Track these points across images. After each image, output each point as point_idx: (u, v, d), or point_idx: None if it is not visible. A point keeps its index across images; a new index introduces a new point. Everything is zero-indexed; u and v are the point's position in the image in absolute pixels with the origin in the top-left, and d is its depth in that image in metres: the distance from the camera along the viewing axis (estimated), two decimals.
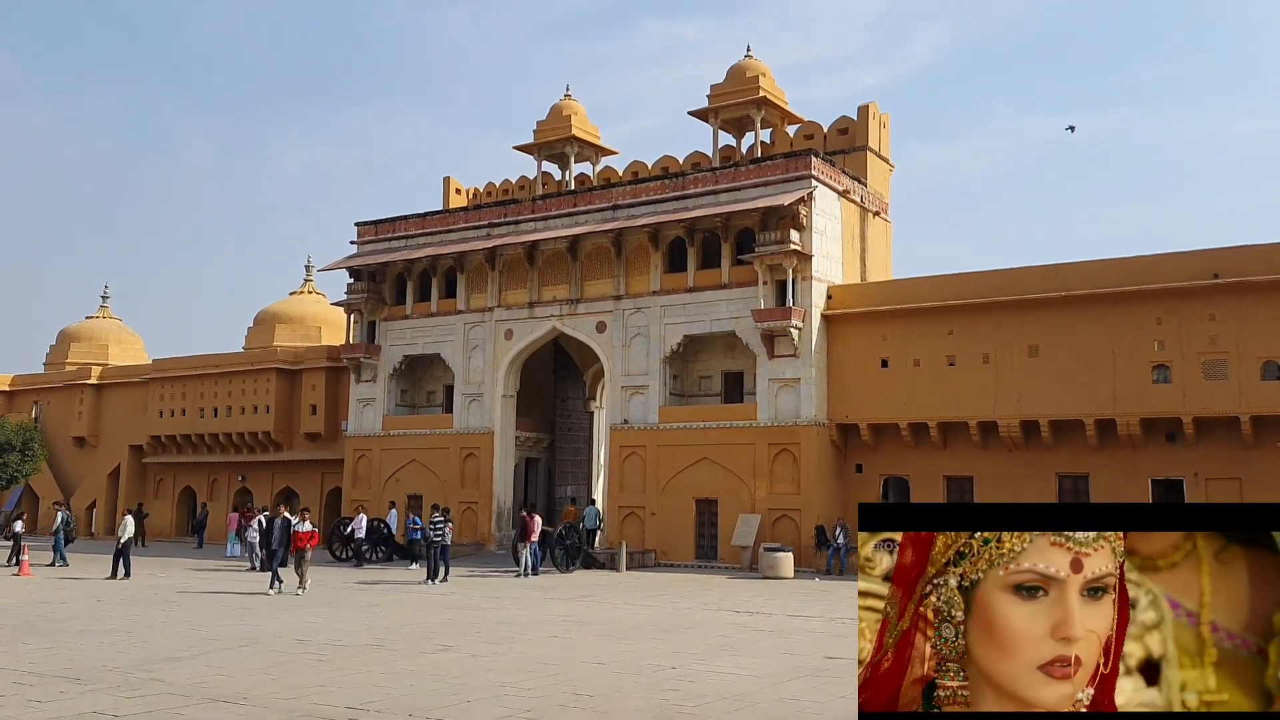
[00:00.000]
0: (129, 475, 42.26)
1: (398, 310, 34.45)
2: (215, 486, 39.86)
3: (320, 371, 37.27)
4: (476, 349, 32.57)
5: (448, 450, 32.64)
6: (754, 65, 32.12)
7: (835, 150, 30.85)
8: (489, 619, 16.42)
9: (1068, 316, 24.75)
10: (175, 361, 41.04)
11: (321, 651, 12.71)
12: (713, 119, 32.17)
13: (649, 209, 29.73)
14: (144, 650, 12.66)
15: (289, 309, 44.01)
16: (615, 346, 30.00)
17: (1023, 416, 25.04)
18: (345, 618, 16.42)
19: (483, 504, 31.87)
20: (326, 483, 36.94)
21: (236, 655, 12.34)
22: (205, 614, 16.78)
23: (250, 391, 38.31)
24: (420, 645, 13.32)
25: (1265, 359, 22.72)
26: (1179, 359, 23.50)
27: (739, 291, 28.05)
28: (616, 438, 29.77)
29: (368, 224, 35.53)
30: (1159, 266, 24.07)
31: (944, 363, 26.09)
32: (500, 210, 32.97)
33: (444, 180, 37.85)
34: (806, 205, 27.40)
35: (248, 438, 38.24)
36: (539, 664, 11.81)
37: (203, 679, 10.66)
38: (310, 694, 9.87)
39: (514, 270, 32.25)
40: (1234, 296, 23.03)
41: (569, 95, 35.64)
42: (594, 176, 35.28)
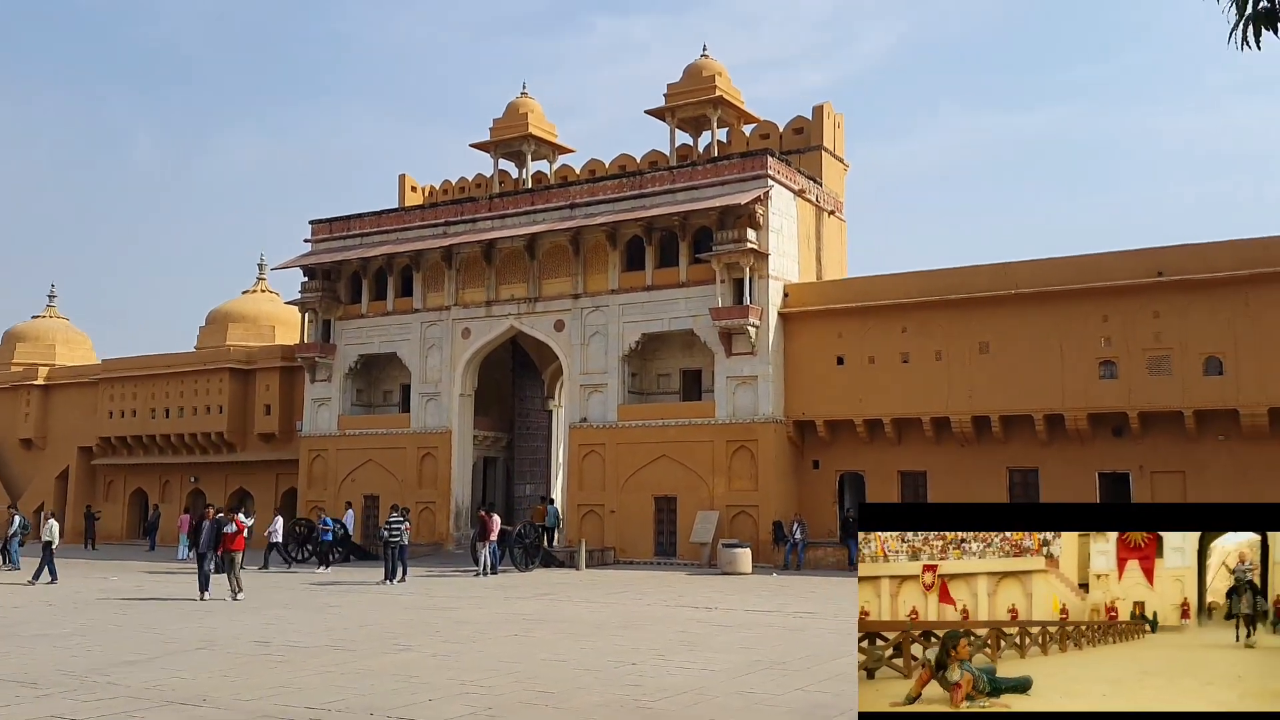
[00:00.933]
0: (78, 477, 41.56)
1: (353, 309, 34.21)
2: (167, 488, 39.33)
3: (274, 371, 36.91)
4: (433, 348, 32.46)
5: (405, 450, 32.49)
6: (710, 64, 32.32)
7: (791, 150, 31.13)
8: (449, 618, 16.43)
9: (1017, 313, 25.22)
10: (125, 362, 40.41)
11: (280, 653, 12.67)
12: (670, 118, 32.32)
13: (607, 208, 29.82)
14: (100, 654, 12.54)
15: (242, 308, 43.51)
16: (574, 345, 30.05)
17: (974, 412, 25.47)
18: (303, 619, 16.35)
19: (441, 504, 31.77)
20: (281, 484, 36.59)
21: (194, 658, 12.27)
22: (160, 617, 16.62)
23: (202, 392, 37.85)
24: (380, 645, 13.31)
25: (1207, 355, 23.31)
26: (1125, 355, 24.04)
27: (697, 290, 28.24)
28: (575, 436, 29.83)
29: (322, 222, 35.24)
30: (1105, 265, 24.60)
31: (898, 360, 26.47)
32: (457, 208, 32.86)
33: (399, 178, 37.64)
34: (763, 204, 27.64)
35: (200, 439, 37.79)
36: (500, 662, 11.87)
37: (160, 682, 10.60)
38: (270, 695, 9.86)
39: (471, 269, 32.17)
40: (1177, 294, 23.61)
41: (525, 93, 35.60)
42: (551, 175, 35.28)
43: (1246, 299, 22.97)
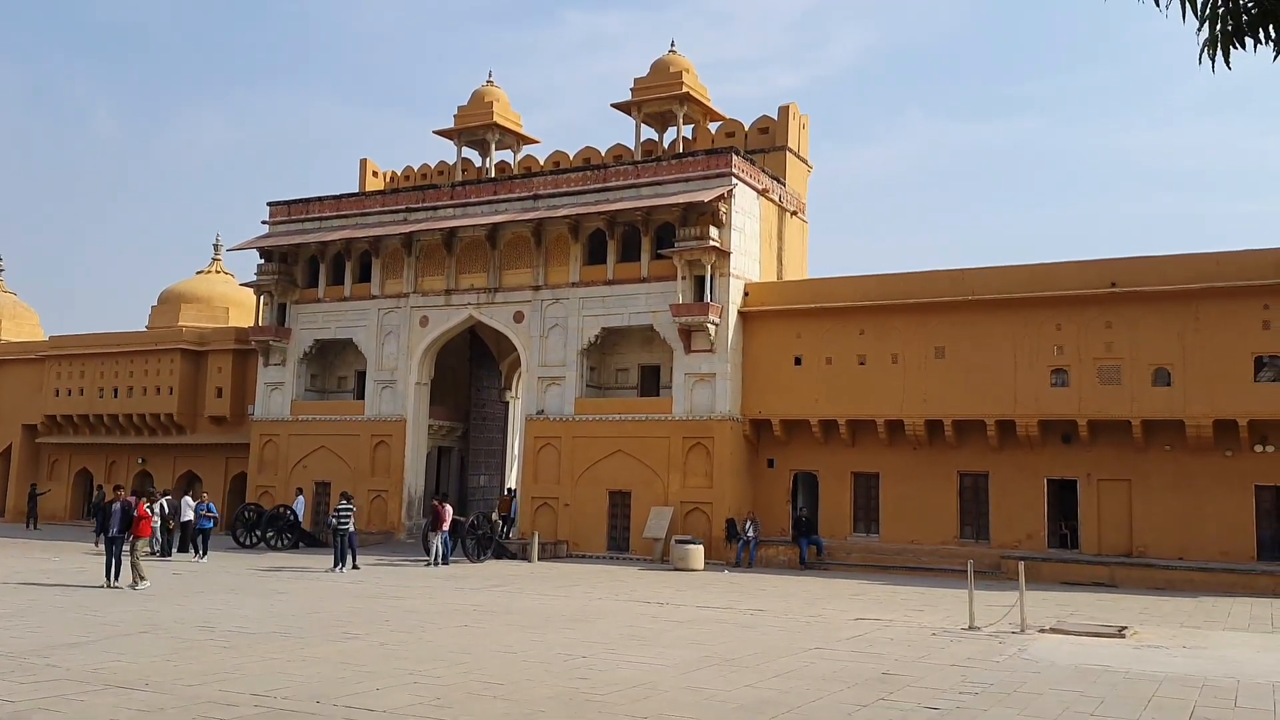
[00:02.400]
0: (21, 455, 40.73)
1: (309, 293, 33.81)
2: (114, 469, 38.63)
3: (227, 354, 36.40)
4: (391, 335, 32.17)
5: (358, 437, 32.19)
6: (678, 60, 32.31)
7: (756, 149, 31.22)
8: (398, 608, 16.30)
9: (973, 320, 25.51)
10: (73, 339, 39.62)
11: (225, 639, 12.49)
12: (635, 112, 32.26)
13: (570, 200, 29.72)
14: (39, 636, 12.29)
15: (195, 288, 42.80)
16: (533, 337, 29.93)
17: (928, 416, 25.73)
18: (249, 605, 16.13)
19: (393, 492, 31.52)
20: (231, 467, 36.11)
21: (136, 642, 12.05)
22: (102, 599, 16.31)
23: (153, 372, 37.23)
24: (327, 633, 13.17)
25: (1156, 366, 23.73)
26: (1076, 364, 24.41)
27: (658, 286, 28.24)
28: (532, 428, 29.73)
29: (280, 204, 34.78)
30: (1060, 274, 24.96)
31: (855, 362, 26.67)
32: (418, 195, 32.59)
33: (361, 162, 37.24)
34: (726, 203, 27.70)
35: (149, 419, 37.17)
36: (449, 653, 11.79)
37: (101, 665, 10.40)
38: (215, 681, 9.71)
39: (431, 257, 31.92)
40: (1129, 305, 24.01)
41: (491, 82, 35.36)
42: (515, 165, 35.09)
43: (1196, 312, 23.41)
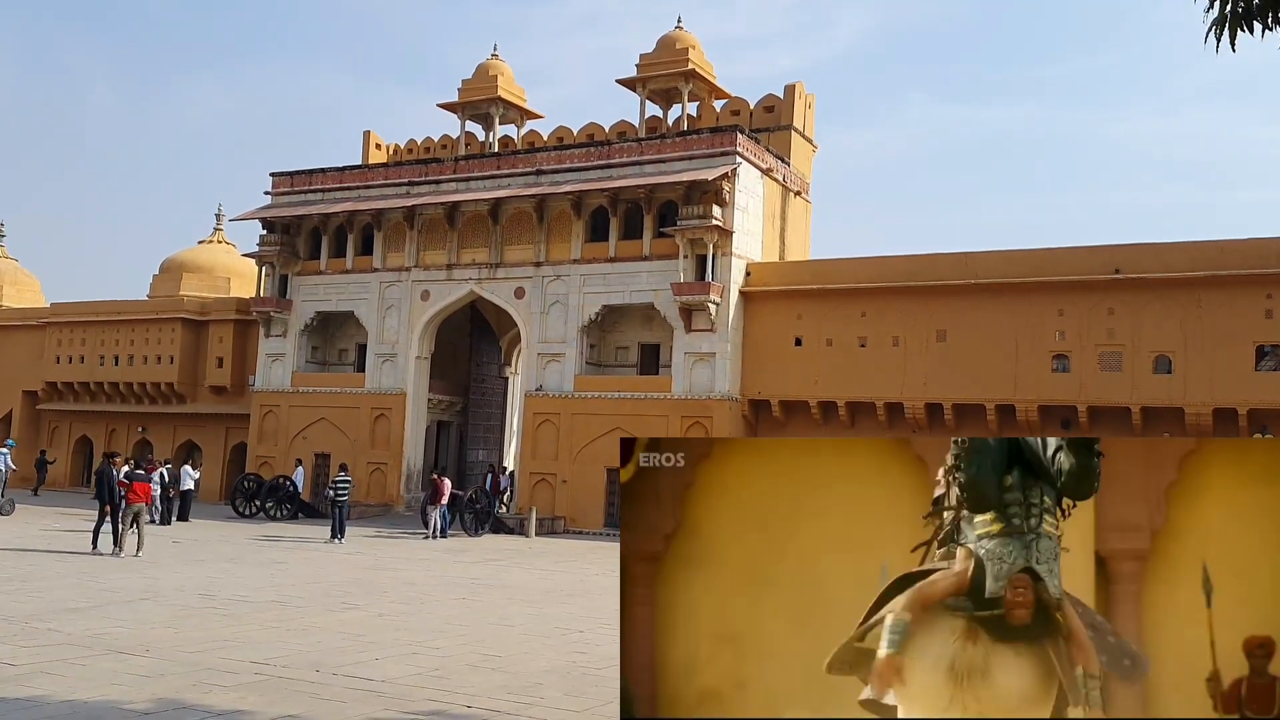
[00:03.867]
0: (22, 422, 40.71)
1: (311, 265, 33.74)
2: (114, 437, 38.63)
3: (228, 324, 36.33)
4: (392, 309, 32.13)
5: (358, 410, 32.20)
6: (684, 37, 32.11)
7: (760, 128, 31.07)
8: (397, 579, 16.36)
9: (975, 304, 25.48)
10: (75, 306, 39.53)
11: (225, 606, 12.54)
12: (640, 89, 32.08)
13: (573, 176, 29.61)
14: (40, 600, 12.33)
15: (197, 258, 42.66)
16: (533, 313, 29.90)
17: (928, 399, 25.75)
18: (249, 574, 16.19)
19: (392, 465, 31.55)
20: (231, 438, 36.12)
21: (137, 608, 12.10)
22: (103, 565, 16.36)
23: (154, 341, 37.18)
24: (326, 603, 13.23)
25: (1158, 353, 23.74)
26: (1078, 350, 24.41)
27: (659, 264, 28.18)
28: (531, 404, 29.75)
29: (283, 175, 34.63)
30: (1063, 260, 24.92)
31: (855, 343, 26.66)
32: (421, 169, 32.46)
33: (364, 135, 37.06)
34: (730, 181, 27.60)
35: (150, 388, 37.16)
36: (447, 624, 11.85)
37: (102, 630, 10.45)
38: (215, 648, 9.75)
39: (433, 230, 31.84)
40: (1132, 292, 23.99)
41: (496, 55, 35.15)
42: (518, 140, 34.93)
43: (1199, 300, 23.39)
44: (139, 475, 18.69)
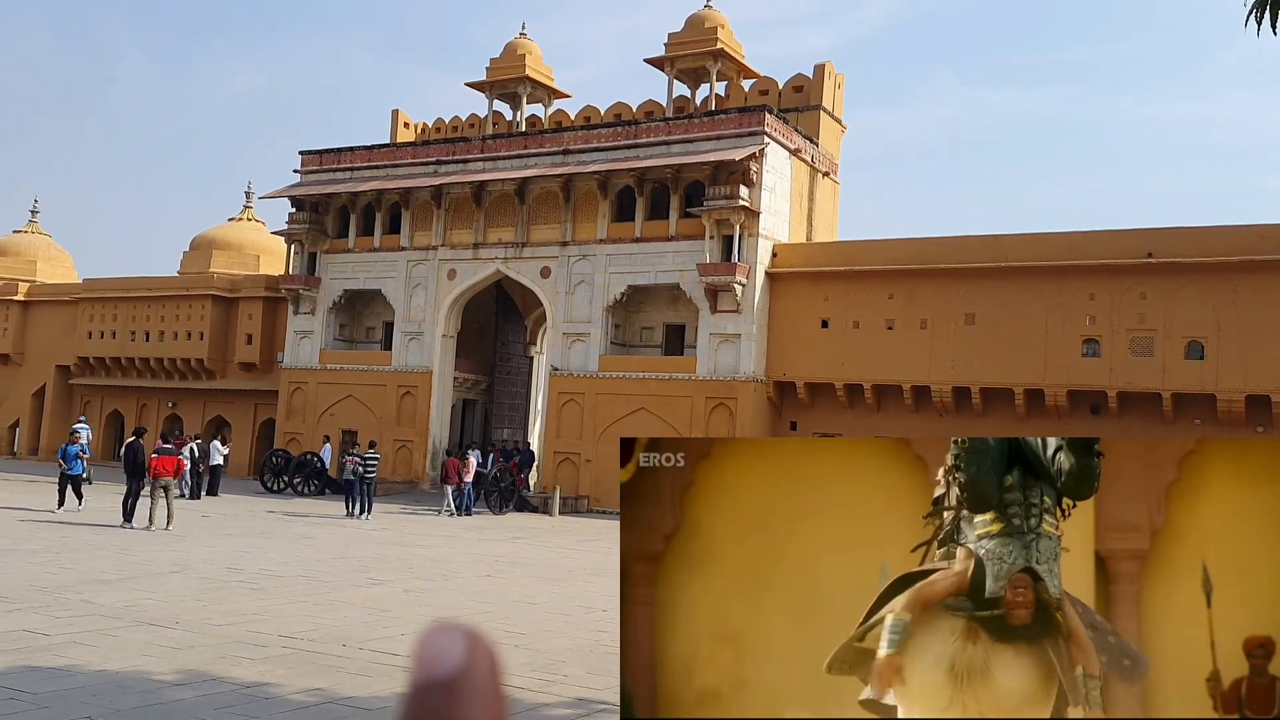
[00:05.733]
0: (55, 396, 41.32)
1: (339, 243, 33.94)
2: (144, 412, 39.15)
3: (257, 301, 36.66)
4: (419, 287, 32.29)
5: (385, 387, 32.45)
6: (713, 16, 31.91)
7: (789, 108, 30.86)
8: (422, 556, 16.53)
9: (1005, 287, 25.27)
10: (107, 282, 40.01)
11: (253, 580, 12.73)
12: (668, 68, 31.94)
13: (600, 155, 29.57)
14: (73, 572, 12.56)
15: (227, 235, 42.99)
16: (559, 293, 29.95)
17: (956, 383, 25.60)
18: (277, 548, 16.41)
19: (418, 443, 31.79)
20: (260, 414, 36.51)
21: (167, 581, 12.31)
22: (133, 539, 16.63)
23: (184, 317, 37.58)
24: (353, 578, 13.39)
25: (1190, 339, 23.47)
26: (1108, 334, 24.17)
27: (685, 244, 28.13)
28: (555, 384, 29.85)
29: (312, 153, 34.82)
30: (1095, 243, 24.65)
31: (883, 326, 26.52)
32: (449, 148, 32.52)
33: (392, 113, 37.14)
34: (758, 162, 27.47)
35: (180, 364, 37.58)
36: (472, 601, 11.98)
37: (133, 602, 10.64)
38: (243, 621, 9.91)
39: (460, 209, 31.93)
40: (1164, 276, 23.70)
41: (524, 34, 35.09)
42: (545, 119, 34.90)
43: (1234, 285, 23.08)
44: (167, 449, 18.99)
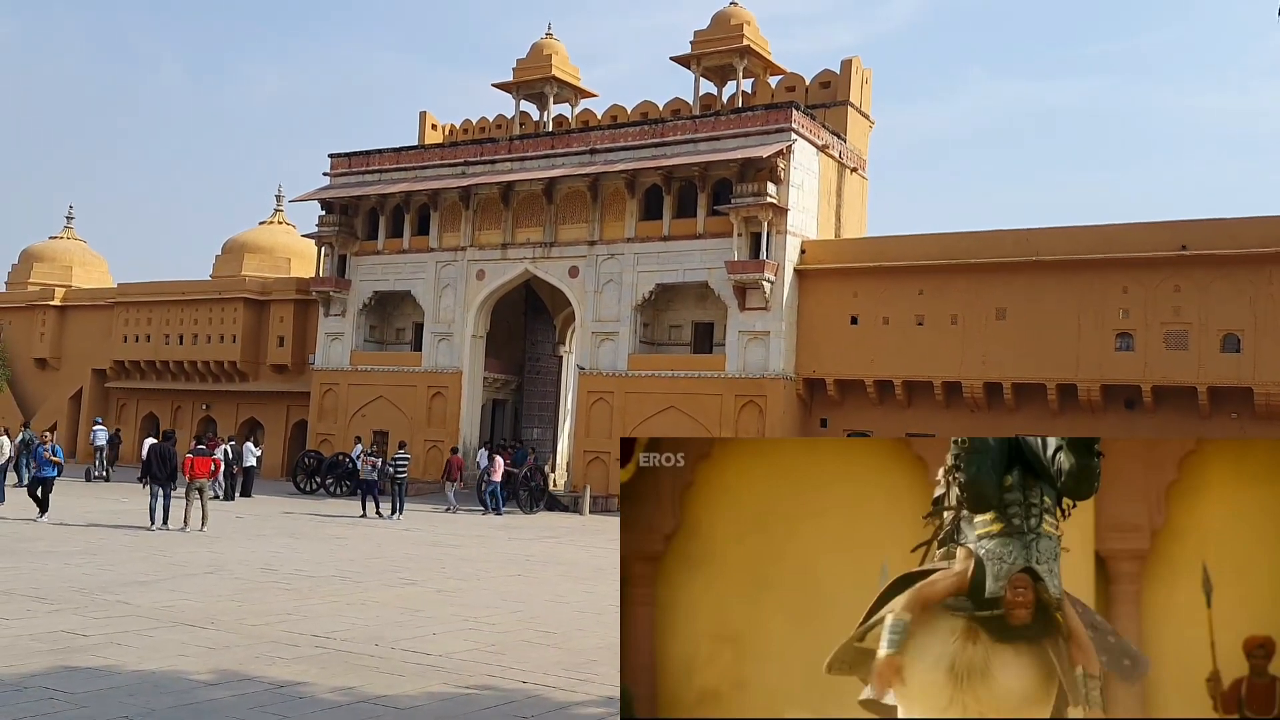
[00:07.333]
0: (91, 399, 41.94)
1: (369, 245, 34.21)
2: (179, 414, 39.66)
3: (288, 303, 37.03)
4: (448, 288, 32.48)
5: (415, 388, 32.67)
6: (739, 13, 31.84)
7: (816, 104, 30.74)
8: (454, 555, 16.65)
9: (1036, 281, 25.04)
10: (141, 286, 40.58)
11: (287, 581, 12.88)
12: (694, 66, 31.91)
13: (627, 154, 29.61)
14: (109, 573, 12.77)
15: (258, 238, 43.46)
16: (587, 292, 30.02)
17: (987, 378, 25.41)
18: (310, 549, 16.59)
19: (449, 443, 31.93)
20: (292, 415, 36.87)
21: (203, 581, 12.48)
22: (169, 540, 16.86)
23: (217, 320, 38.03)
24: (385, 578, 13.52)
25: (1225, 332, 23.16)
26: (1142, 328, 23.89)
27: (713, 242, 28.10)
28: (584, 383, 29.92)
29: (341, 156, 35.11)
30: (1128, 236, 24.37)
31: (913, 322, 26.37)
32: (476, 149, 32.68)
33: (420, 115, 37.36)
34: (785, 159, 27.39)
35: (213, 367, 38.04)
36: (503, 600, 12.05)
37: (169, 603, 10.80)
38: (278, 621, 10.04)
39: (488, 210, 32.08)
40: (1199, 269, 23.39)
41: (550, 34, 35.16)
42: (572, 119, 34.97)
43: (1270, 277, 22.74)
44: (200, 451, 19.20)
